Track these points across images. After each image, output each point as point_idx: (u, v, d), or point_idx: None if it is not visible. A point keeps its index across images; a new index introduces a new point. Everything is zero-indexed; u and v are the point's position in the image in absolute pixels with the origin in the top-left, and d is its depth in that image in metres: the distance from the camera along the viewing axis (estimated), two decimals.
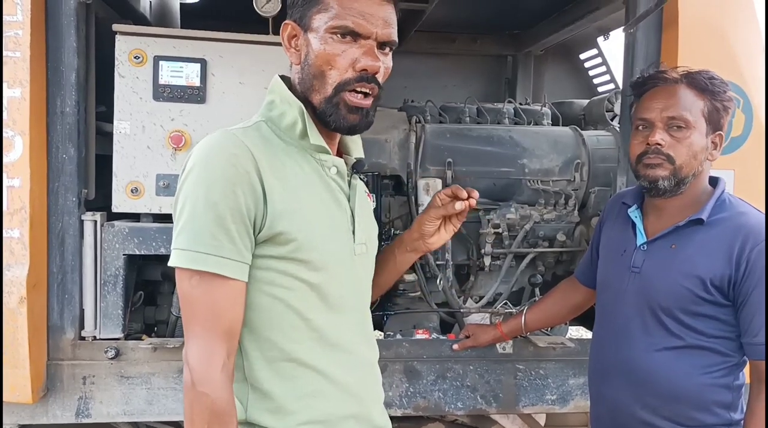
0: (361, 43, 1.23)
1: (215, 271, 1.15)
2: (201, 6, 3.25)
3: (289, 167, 1.24)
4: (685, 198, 1.67)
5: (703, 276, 1.58)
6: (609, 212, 1.91)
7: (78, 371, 2.11)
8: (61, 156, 2.07)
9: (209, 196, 1.15)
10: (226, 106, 2.17)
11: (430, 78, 3.78)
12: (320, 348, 1.27)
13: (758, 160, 2.33)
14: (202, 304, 1.17)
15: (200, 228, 1.15)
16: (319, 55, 1.23)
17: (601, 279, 1.85)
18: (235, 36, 2.17)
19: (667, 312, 1.63)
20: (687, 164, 1.62)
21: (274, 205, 1.19)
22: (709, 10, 2.28)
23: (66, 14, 2.04)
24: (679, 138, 1.62)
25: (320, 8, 1.24)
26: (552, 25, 3.32)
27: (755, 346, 1.57)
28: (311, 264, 1.23)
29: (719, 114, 1.65)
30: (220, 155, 1.18)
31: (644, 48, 2.35)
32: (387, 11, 1.25)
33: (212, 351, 1.16)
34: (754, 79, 2.33)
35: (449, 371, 2.31)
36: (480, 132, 2.80)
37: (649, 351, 1.66)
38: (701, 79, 1.65)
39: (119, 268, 2.12)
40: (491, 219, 2.64)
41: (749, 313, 1.57)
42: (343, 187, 1.34)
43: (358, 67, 1.23)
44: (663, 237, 1.67)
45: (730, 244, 1.57)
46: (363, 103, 1.25)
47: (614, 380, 1.72)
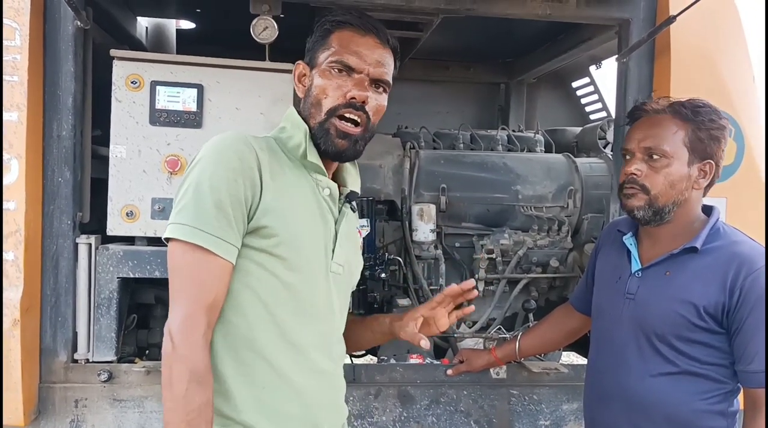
0: (354, 77, 1.39)
1: (210, 248, 1.25)
2: (197, 31, 3.29)
3: (287, 175, 1.38)
4: (677, 226, 1.68)
5: (697, 304, 1.59)
6: (604, 240, 1.92)
7: (70, 394, 2.09)
8: (57, 179, 2.07)
9: (214, 182, 1.27)
10: (222, 130, 2.12)
11: (423, 104, 3.82)
12: (280, 345, 1.35)
13: (750, 188, 2.36)
14: (192, 277, 1.26)
15: (202, 208, 1.26)
16: (318, 86, 1.41)
17: (597, 305, 1.86)
18: (232, 62, 2.20)
19: (662, 338, 1.64)
20: (663, 193, 1.64)
21: (266, 200, 1.31)
22: (701, 40, 2.33)
23: (64, 39, 2.07)
24: (656, 168, 1.64)
25: (325, 48, 1.41)
26: (545, 54, 3.37)
27: (749, 374, 1.58)
28: (287, 263, 1.33)
29: (705, 143, 1.65)
30: (229, 148, 1.31)
31: (637, 77, 2.39)
32: (382, 54, 1.42)
33: (195, 319, 1.25)
34: (745, 108, 2.37)
35: (443, 396, 2.30)
36: (474, 158, 2.82)
37: (645, 378, 1.66)
38: (685, 108, 1.66)
39: (113, 291, 2.11)
40: (485, 245, 2.65)
41: (743, 341, 1.57)
42: (333, 210, 1.45)
43: (348, 96, 1.38)
44: (657, 264, 1.69)
45: (725, 272, 1.58)
46: (351, 130, 1.40)
47: (610, 406, 1.72)
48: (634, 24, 2.37)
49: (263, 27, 2.16)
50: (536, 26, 2.87)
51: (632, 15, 2.37)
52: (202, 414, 1.23)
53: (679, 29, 2.27)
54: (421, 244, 2.59)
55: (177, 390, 1.22)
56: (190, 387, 1.22)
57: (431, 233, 2.59)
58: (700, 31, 2.33)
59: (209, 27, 3.20)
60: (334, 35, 1.41)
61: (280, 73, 2.22)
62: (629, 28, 2.38)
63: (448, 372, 2.27)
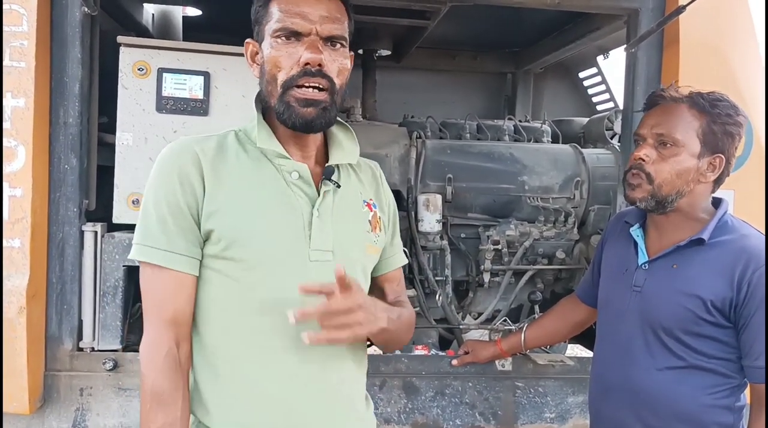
0: (304, 41, 1.26)
1: (159, 263, 1.24)
2: (203, 19, 3.27)
3: (235, 170, 1.30)
4: (684, 216, 1.67)
5: (704, 297, 1.58)
6: (611, 231, 1.91)
7: (75, 382, 2.09)
8: (63, 166, 2.07)
9: (155, 195, 1.27)
10: (228, 118, 2.17)
11: (430, 94, 3.80)
12: (250, 352, 1.28)
13: (759, 181, 2.35)
14: (150, 293, 1.27)
15: (146, 224, 1.27)
16: (269, 61, 1.29)
17: (603, 297, 1.85)
18: (239, 50, 2.16)
19: (669, 332, 1.62)
20: (668, 183, 1.62)
21: (209, 205, 1.26)
22: (710, 31, 2.31)
23: (71, 25, 2.05)
24: (665, 155, 1.62)
25: (267, 18, 1.30)
26: (552, 44, 3.35)
27: (756, 369, 1.57)
28: (245, 264, 1.26)
29: (718, 136, 1.62)
30: (168, 160, 1.29)
31: (645, 67, 2.37)
32: (327, 7, 1.28)
33: (156, 338, 1.25)
34: (755, 101, 2.35)
35: (448, 387, 2.30)
36: (480, 148, 2.81)
37: (651, 371, 1.65)
38: (703, 99, 1.64)
39: (119, 279, 2.11)
40: (491, 236, 2.65)
41: (750, 336, 1.56)
42: (308, 192, 1.33)
43: (301, 62, 1.26)
44: (664, 256, 1.67)
45: (732, 266, 1.56)
46: (315, 96, 1.27)
47: (616, 399, 1.71)
48: (643, 14, 2.35)
49: None
50: (544, 15, 2.85)
51: (641, 5, 2.35)
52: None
53: (689, 20, 2.25)
54: (427, 235, 2.59)
55: (142, 409, 1.25)
56: (152, 408, 1.23)
57: (437, 223, 2.58)
58: (709, 21, 2.31)
59: (216, 14, 3.18)
60: (272, 2, 1.29)
61: None
62: (638, 17, 2.36)
63: (453, 362, 2.26)
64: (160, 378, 1.23)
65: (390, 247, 1.52)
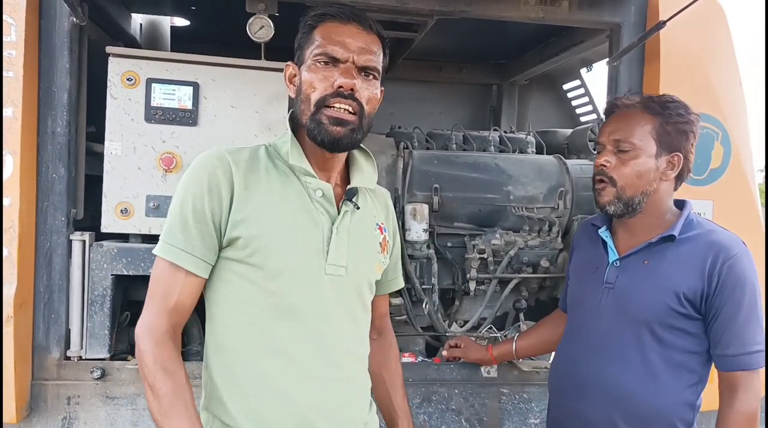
0: (340, 67, 1.37)
1: (173, 261, 1.33)
2: (191, 29, 3.29)
3: (264, 183, 1.39)
4: (650, 217, 1.74)
5: (677, 290, 1.64)
6: (579, 237, 1.99)
7: (62, 391, 2.09)
8: (51, 175, 2.07)
9: (184, 197, 1.36)
10: (217, 128, 2.19)
11: (416, 104, 3.84)
12: (267, 353, 1.36)
13: (736, 191, 2.40)
14: (158, 284, 1.36)
15: (171, 223, 1.36)
16: (305, 81, 1.39)
17: (574, 297, 1.90)
18: (228, 60, 2.21)
19: (643, 326, 1.68)
20: (631, 185, 1.70)
21: (237, 213, 1.35)
22: (690, 46, 2.37)
23: (59, 36, 2.07)
24: (624, 159, 1.71)
25: (309, 44, 1.40)
26: (537, 56, 3.40)
27: (727, 358, 1.63)
28: (267, 271, 1.34)
29: (672, 136, 1.71)
30: (201, 166, 1.37)
31: (627, 80, 2.43)
32: (366, 40, 1.39)
33: (156, 318, 1.33)
34: (732, 113, 2.41)
35: (434, 394, 2.32)
36: (466, 159, 2.84)
37: (626, 367, 1.70)
38: (654, 102, 1.74)
39: (107, 288, 2.12)
40: (476, 245, 2.67)
41: (721, 326, 1.63)
42: (329, 210, 1.42)
43: (335, 85, 1.36)
44: (636, 253, 1.74)
45: (703, 259, 1.64)
46: (345, 116, 1.36)
47: (589, 396, 1.74)
48: (624, 28, 2.41)
49: (259, 26, 2.17)
50: (529, 29, 2.90)
51: (623, 19, 2.41)
52: (176, 395, 1.28)
53: (669, 34, 2.31)
54: (414, 244, 2.61)
55: (147, 380, 1.29)
56: (157, 376, 1.28)
57: (424, 233, 2.61)
58: (689, 36, 2.37)
59: (204, 25, 3.20)
60: (316, 30, 1.39)
61: (275, 72, 2.23)
62: (620, 32, 2.42)
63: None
64: (159, 349, 1.30)
65: (392, 270, 1.66)
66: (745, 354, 1.61)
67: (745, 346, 1.61)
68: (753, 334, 1.62)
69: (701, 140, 2.34)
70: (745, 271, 1.62)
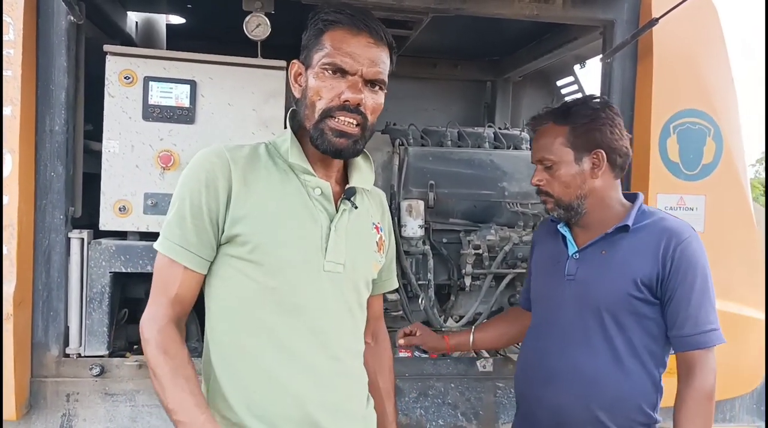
0: (348, 79, 1.38)
1: (171, 256, 1.37)
2: (186, 27, 3.29)
3: (263, 181, 1.41)
4: (598, 212, 1.81)
5: (635, 276, 1.71)
6: (539, 234, 2.04)
7: (62, 388, 2.10)
8: (49, 174, 2.08)
9: (182, 193, 1.38)
10: (214, 126, 2.21)
11: (411, 101, 3.85)
12: (268, 347, 1.38)
13: (728, 186, 2.43)
14: (160, 278, 1.39)
15: (170, 219, 1.39)
16: (312, 88, 1.40)
17: (537, 291, 1.95)
18: (225, 58, 2.22)
19: (606, 313, 1.74)
20: (563, 194, 1.80)
21: (237, 210, 1.36)
22: (683, 43, 2.39)
23: (57, 34, 2.08)
24: (551, 175, 1.81)
25: (318, 48, 1.40)
26: (530, 53, 3.42)
27: (683, 338, 1.71)
28: (268, 267, 1.37)
29: (584, 138, 1.77)
30: (200, 163, 1.39)
31: (620, 77, 2.45)
32: (376, 52, 1.39)
33: (159, 309, 1.36)
34: (724, 109, 2.44)
35: (431, 389, 2.34)
36: (461, 155, 2.87)
37: (593, 355, 1.75)
38: (561, 111, 1.82)
39: (105, 286, 2.13)
40: (471, 241, 2.70)
41: (675, 308, 1.70)
42: (328, 208, 1.45)
43: (342, 98, 1.37)
44: (593, 244, 1.80)
45: (657, 245, 1.71)
46: (348, 129, 1.39)
47: (559, 385, 1.79)
48: (618, 25, 2.43)
49: (256, 24, 2.18)
50: (523, 26, 2.91)
51: (616, 16, 2.43)
52: (178, 371, 1.30)
53: (662, 32, 2.33)
54: (410, 240, 2.63)
55: (152, 367, 1.32)
56: (159, 359, 1.31)
57: (419, 229, 2.63)
58: (681, 34, 2.39)
59: (199, 22, 3.20)
60: (326, 35, 1.39)
61: (272, 70, 2.25)
62: (613, 29, 2.44)
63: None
64: (161, 335, 1.33)
65: (387, 271, 1.68)
66: (700, 334, 1.69)
67: (700, 326, 1.69)
68: (706, 314, 1.70)
69: (694, 135, 2.39)
70: (696, 254, 1.71)
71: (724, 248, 2.41)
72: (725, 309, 2.40)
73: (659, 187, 2.38)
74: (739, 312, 2.44)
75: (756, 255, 2.51)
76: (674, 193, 2.39)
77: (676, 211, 2.39)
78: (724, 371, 2.41)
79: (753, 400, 2.61)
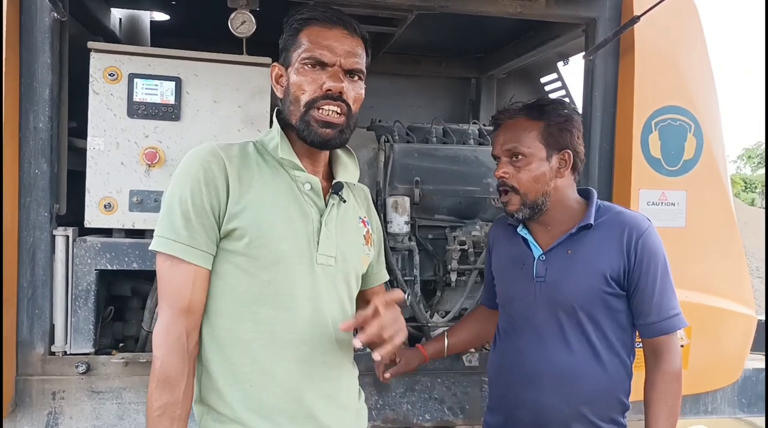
0: (328, 70, 1.43)
1: (179, 255, 1.37)
2: (171, 23, 3.28)
3: (257, 176, 1.44)
4: (558, 211, 1.84)
5: (604, 272, 1.76)
6: (495, 235, 2.05)
7: (47, 386, 2.10)
8: (34, 171, 2.07)
9: (181, 193, 1.38)
10: (200, 123, 2.21)
11: (396, 98, 3.87)
12: (263, 341, 1.40)
13: (709, 181, 2.47)
14: (168, 283, 1.39)
15: (172, 219, 1.38)
16: (294, 84, 1.45)
17: (506, 294, 1.96)
18: (210, 55, 2.22)
19: (580, 311, 1.78)
20: (531, 189, 1.81)
21: (233, 205, 1.39)
22: (663, 41, 2.43)
23: (40, 31, 2.06)
24: (519, 167, 1.81)
25: (296, 47, 1.46)
26: (514, 50, 3.44)
27: (649, 326, 1.78)
28: (262, 261, 1.40)
29: (557, 136, 1.81)
30: (196, 161, 1.41)
31: (603, 74, 2.48)
32: (351, 44, 1.46)
33: (170, 324, 1.37)
34: (704, 106, 2.48)
35: (417, 383, 2.36)
36: (447, 152, 2.88)
37: (571, 352, 1.79)
38: (534, 107, 1.84)
39: (91, 283, 2.13)
40: (457, 236, 2.72)
41: (641, 298, 1.77)
42: (317, 202, 1.49)
43: (324, 88, 1.42)
44: (558, 245, 1.83)
45: (619, 239, 1.77)
46: (333, 119, 1.44)
47: (541, 383, 1.82)
48: (600, 23, 2.46)
49: (241, 21, 2.18)
50: (506, 23, 2.94)
51: (599, 14, 2.46)
52: (166, 412, 1.34)
53: (643, 29, 2.36)
54: (396, 236, 2.65)
55: (150, 386, 1.36)
56: (157, 387, 1.35)
57: (405, 225, 2.64)
58: (662, 31, 2.43)
59: (184, 19, 3.19)
60: (303, 32, 1.45)
61: (257, 67, 2.25)
62: (596, 26, 2.47)
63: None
64: (167, 359, 1.35)
65: (376, 264, 1.72)
66: (665, 320, 1.76)
67: (664, 313, 1.76)
68: (669, 300, 1.77)
69: (675, 131, 2.43)
70: (655, 244, 1.77)
71: (704, 242, 2.46)
72: (705, 303, 2.45)
73: (642, 183, 2.41)
74: (719, 306, 2.48)
75: (735, 249, 2.55)
76: (656, 188, 2.43)
77: (658, 206, 2.42)
78: (705, 364, 2.47)
79: (734, 392, 2.65)
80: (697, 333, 2.45)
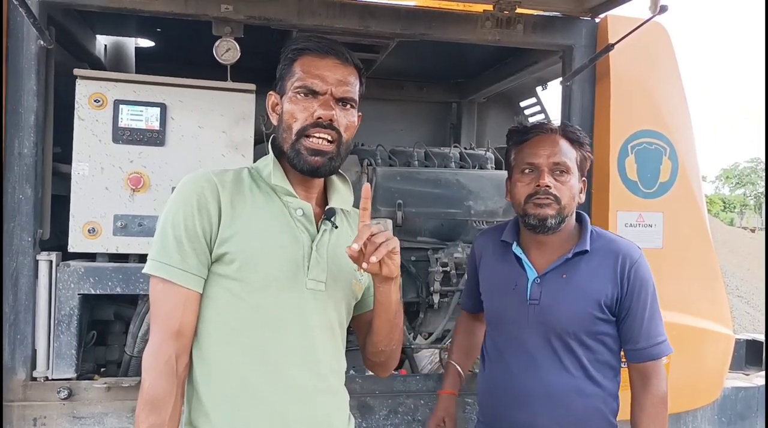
0: (319, 99, 1.47)
1: (171, 279, 1.39)
2: (156, 50, 3.31)
3: (249, 202, 1.46)
4: (562, 233, 1.89)
5: (598, 299, 1.81)
6: (483, 248, 2.06)
7: (29, 412, 2.08)
8: (18, 196, 2.08)
9: (174, 218, 1.41)
10: (184, 149, 2.23)
11: (379, 122, 3.91)
12: (253, 364, 1.41)
13: (684, 203, 2.53)
14: (159, 306, 1.41)
15: (163, 243, 1.41)
16: (287, 112, 1.49)
17: (496, 313, 1.98)
18: (195, 82, 2.25)
19: (572, 336, 1.82)
20: (569, 204, 1.85)
21: (225, 230, 1.42)
22: (638, 67, 2.50)
23: (27, 58, 2.08)
24: (562, 181, 1.84)
25: (290, 76, 1.50)
26: (494, 76, 3.51)
27: (637, 351, 1.83)
28: (252, 285, 1.41)
29: (585, 163, 1.91)
30: (190, 186, 1.44)
31: (580, 99, 2.54)
32: (343, 73, 1.49)
33: (160, 346, 1.38)
34: (679, 129, 2.55)
35: (401, 406, 2.37)
36: (428, 175, 2.93)
37: (564, 374, 1.82)
38: (573, 131, 1.91)
39: (74, 308, 2.12)
40: (439, 258, 2.75)
41: (630, 325, 1.83)
42: (309, 228, 1.50)
43: (315, 116, 1.45)
44: (555, 269, 1.86)
45: (613, 267, 1.82)
46: (323, 147, 1.46)
47: (534, 405, 1.84)
48: (576, 50, 2.53)
49: (226, 48, 2.22)
50: (486, 50, 3.00)
51: (575, 42, 2.52)
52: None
53: (619, 57, 2.43)
54: None
55: (137, 408, 1.37)
56: (144, 408, 1.36)
57: None
58: (636, 58, 2.50)
59: (168, 45, 3.23)
60: (296, 62, 1.49)
61: (242, 93, 2.28)
62: (572, 53, 2.53)
63: None
64: (156, 381, 1.36)
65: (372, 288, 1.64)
66: (653, 346, 1.83)
67: (652, 339, 1.82)
68: (656, 327, 1.84)
69: (651, 154, 2.49)
70: (646, 273, 1.84)
71: (681, 263, 2.51)
72: (683, 323, 2.49)
73: (619, 205, 2.47)
74: (696, 326, 2.52)
75: (712, 269, 2.61)
76: (634, 210, 2.48)
77: (635, 227, 2.47)
78: (684, 383, 2.50)
79: (714, 411, 2.69)
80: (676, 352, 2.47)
